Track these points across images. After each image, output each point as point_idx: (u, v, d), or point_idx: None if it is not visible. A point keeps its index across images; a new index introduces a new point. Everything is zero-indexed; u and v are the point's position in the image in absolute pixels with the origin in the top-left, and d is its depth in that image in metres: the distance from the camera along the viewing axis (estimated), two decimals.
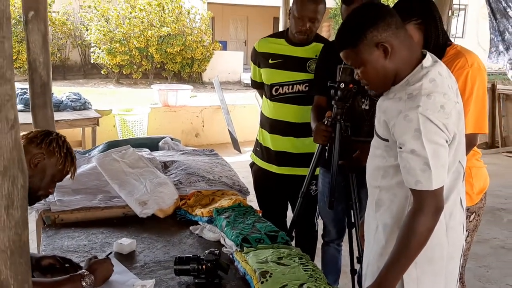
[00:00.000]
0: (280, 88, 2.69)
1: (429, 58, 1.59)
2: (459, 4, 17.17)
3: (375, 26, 1.51)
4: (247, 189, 2.85)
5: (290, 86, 2.67)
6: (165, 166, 2.91)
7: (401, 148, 1.48)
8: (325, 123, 2.18)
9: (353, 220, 2.41)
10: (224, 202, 2.38)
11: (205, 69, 15.54)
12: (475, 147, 2.04)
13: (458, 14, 15.49)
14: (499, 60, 6.82)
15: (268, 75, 2.75)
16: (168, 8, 14.03)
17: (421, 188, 1.45)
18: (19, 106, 4.98)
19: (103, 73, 14.38)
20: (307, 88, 2.64)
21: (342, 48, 1.58)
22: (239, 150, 6.63)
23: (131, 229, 2.32)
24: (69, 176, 1.95)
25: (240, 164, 6.04)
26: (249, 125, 7.08)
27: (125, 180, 2.65)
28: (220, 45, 16.04)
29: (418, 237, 1.46)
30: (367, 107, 2.36)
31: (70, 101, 5.60)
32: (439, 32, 1.98)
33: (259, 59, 2.79)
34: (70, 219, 2.39)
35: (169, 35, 13.84)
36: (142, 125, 6.22)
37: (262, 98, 2.93)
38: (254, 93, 6.04)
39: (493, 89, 7.16)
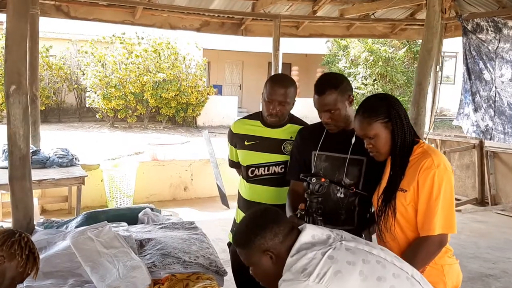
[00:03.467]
0: (256, 170, 2.69)
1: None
2: (450, 52, 17.54)
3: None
4: (225, 270, 2.79)
5: (266, 168, 2.66)
6: (141, 245, 2.86)
7: None
8: (298, 216, 2.16)
9: None
10: None
11: (200, 114, 15.67)
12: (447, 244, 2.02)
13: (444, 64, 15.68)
14: (464, 123, 6.92)
15: (244, 157, 2.74)
16: (164, 55, 14.25)
17: None
18: (4, 163, 4.96)
19: (98, 117, 14.47)
20: (283, 169, 2.63)
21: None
22: (227, 205, 6.58)
23: None
24: (31, 276, 1.91)
25: (228, 221, 5.97)
26: (239, 179, 7.06)
27: (98, 262, 2.60)
28: (215, 89, 16.21)
29: None
30: (342, 195, 2.34)
31: (57, 157, 5.57)
32: (405, 130, 2.02)
33: (235, 140, 2.79)
34: None
35: (164, 80, 14.02)
36: (130, 181, 6.19)
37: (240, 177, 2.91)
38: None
39: (481, 146, 7.18)
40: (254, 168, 2.69)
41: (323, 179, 2.11)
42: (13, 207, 3.10)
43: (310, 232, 1.63)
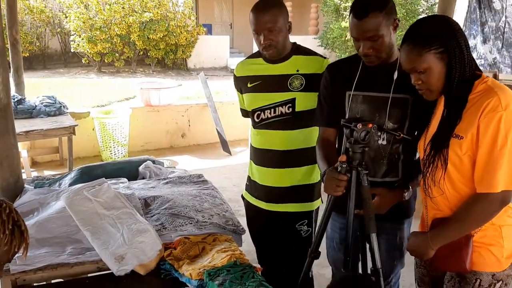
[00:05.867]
0: (262, 113, 2.36)
1: None
2: None
3: None
4: (242, 228, 2.48)
5: (272, 110, 2.33)
6: (146, 204, 2.53)
7: None
8: (338, 170, 1.80)
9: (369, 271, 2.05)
10: (217, 259, 2.01)
11: (190, 55, 15.06)
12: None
13: None
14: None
15: (248, 101, 2.43)
16: None
17: None
18: None
19: (84, 61, 13.85)
20: (290, 109, 2.30)
21: None
22: (229, 152, 6.24)
23: None
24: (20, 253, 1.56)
25: (231, 168, 5.70)
26: (239, 124, 6.68)
27: (99, 225, 2.27)
28: (205, 29, 15.50)
29: None
30: (384, 142, 1.99)
31: (44, 106, 5.16)
32: (465, 62, 1.62)
33: (240, 84, 2.47)
34: (34, 280, 2.05)
35: (151, 20, 13.33)
36: (123, 128, 5.80)
37: None
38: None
39: (494, 78, 6.84)
40: (259, 112, 2.36)
41: (370, 125, 1.74)
42: None
43: None
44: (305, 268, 2.04)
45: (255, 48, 2.37)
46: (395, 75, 1.92)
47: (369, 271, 1.92)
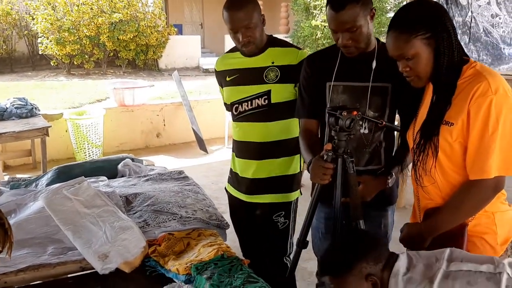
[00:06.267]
0: (240, 106, 2.38)
1: None
2: None
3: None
4: (226, 222, 2.46)
5: (249, 102, 2.35)
6: (128, 202, 2.49)
7: None
8: (324, 158, 1.81)
9: None
10: (204, 253, 1.99)
11: (161, 56, 14.94)
12: None
13: None
14: None
15: (227, 94, 2.46)
16: None
17: None
18: None
19: (52, 64, 13.57)
20: (266, 101, 2.31)
21: None
22: (206, 150, 6.20)
23: None
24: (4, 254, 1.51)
25: (209, 167, 5.66)
26: (215, 122, 6.67)
27: (81, 224, 2.22)
28: (176, 29, 15.39)
29: None
30: (366, 131, 2.01)
31: (15, 108, 5.02)
32: (453, 47, 1.60)
33: (220, 78, 2.50)
34: (15, 282, 1.98)
35: (121, 21, 13.16)
36: (97, 129, 5.70)
37: None
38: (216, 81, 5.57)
39: None
40: (237, 105, 2.39)
41: (354, 112, 1.75)
42: None
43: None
44: (293, 259, 2.05)
45: (227, 47, 2.39)
46: (374, 64, 1.94)
47: None
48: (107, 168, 3.03)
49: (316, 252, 2.32)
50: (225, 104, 2.56)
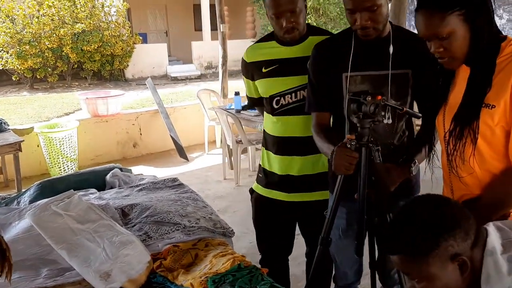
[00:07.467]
0: (282, 99, 2.20)
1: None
2: None
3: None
4: (232, 230, 2.31)
5: (293, 94, 2.18)
6: (124, 214, 2.30)
7: None
8: (348, 147, 1.68)
9: (377, 259, 1.93)
10: (218, 265, 1.83)
11: (127, 65, 14.60)
12: None
13: None
14: None
15: (264, 87, 2.26)
16: (80, 3, 12.91)
17: None
18: None
19: (14, 79, 13.07)
20: None
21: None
22: (186, 158, 5.99)
23: None
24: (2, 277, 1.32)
25: (191, 174, 5.45)
26: (193, 128, 6.47)
27: (75, 242, 2.03)
28: (141, 38, 15.08)
29: None
30: (390, 121, 1.89)
31: None
32: (492, 23, 1.48)
33: (251, 70, 2.29)
34: None
35: (84, 31, 12.78)
36: (71, 142, 5.42)
37: (263, 115, 2.41)
38: (187, 88, 5.35)
39: None
40: (278, 98, 2.21)
41: (379, 97, 1.62)
42: None
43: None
44: (317, 258, 1.89)
45: (195, 55, 2.18)
46: (391, 50, 1.82)
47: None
48: (94, 180, 2.83)
49: (331, 252, 2.17)
50: (250, 98, 2.40)
